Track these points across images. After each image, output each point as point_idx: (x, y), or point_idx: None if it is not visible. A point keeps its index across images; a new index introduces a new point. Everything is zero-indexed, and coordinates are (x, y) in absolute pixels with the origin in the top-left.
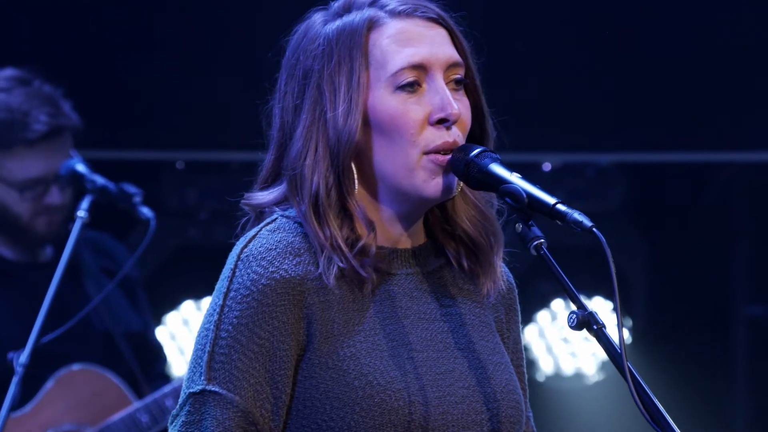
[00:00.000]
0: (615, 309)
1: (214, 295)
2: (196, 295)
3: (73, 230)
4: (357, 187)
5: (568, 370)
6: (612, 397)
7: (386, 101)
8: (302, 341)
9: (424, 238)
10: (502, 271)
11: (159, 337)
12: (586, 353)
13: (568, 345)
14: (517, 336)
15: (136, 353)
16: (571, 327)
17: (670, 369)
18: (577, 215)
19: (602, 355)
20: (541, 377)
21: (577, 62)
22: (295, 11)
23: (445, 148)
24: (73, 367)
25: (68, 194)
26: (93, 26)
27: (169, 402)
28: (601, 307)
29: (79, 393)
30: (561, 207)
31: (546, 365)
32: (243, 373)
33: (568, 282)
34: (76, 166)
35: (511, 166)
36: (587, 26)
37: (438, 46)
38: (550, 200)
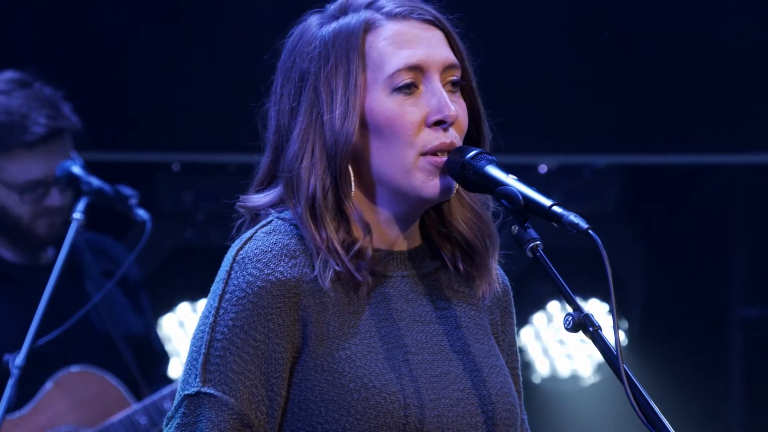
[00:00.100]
0: (611, 311)
1: (210, 297)
2: (192, 297)
3: (69, 232)
4: (354, 189)
5: (564, 372)
6: (608, 399)
7: (383, 103)
8: (297, 344)
9: (419, 240)
10: (497, 274)
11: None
12: (582, 355)
13: (564, 347)
14: (512, 338)
15: (137, 355)
16: (567, 329)
17: (666, 371)
18: (573, 217)
19: (598, 357)
20: (537, 379)
21: (573, 64)
22: (291, 13)
23: (442, 149)
24: (72, 368)
25: (68, 196)
26: (92, 27)
27: (167, 404)
28: (597, 309)
29: (78, 394)
30: (557, 209)
31: (542, 367)
32: (238, 375)
33: (564, 284)
34: (72, 168)
35: (507, 168)
36: (583, 28)
37: (434, 48)
38: (546, 202)
